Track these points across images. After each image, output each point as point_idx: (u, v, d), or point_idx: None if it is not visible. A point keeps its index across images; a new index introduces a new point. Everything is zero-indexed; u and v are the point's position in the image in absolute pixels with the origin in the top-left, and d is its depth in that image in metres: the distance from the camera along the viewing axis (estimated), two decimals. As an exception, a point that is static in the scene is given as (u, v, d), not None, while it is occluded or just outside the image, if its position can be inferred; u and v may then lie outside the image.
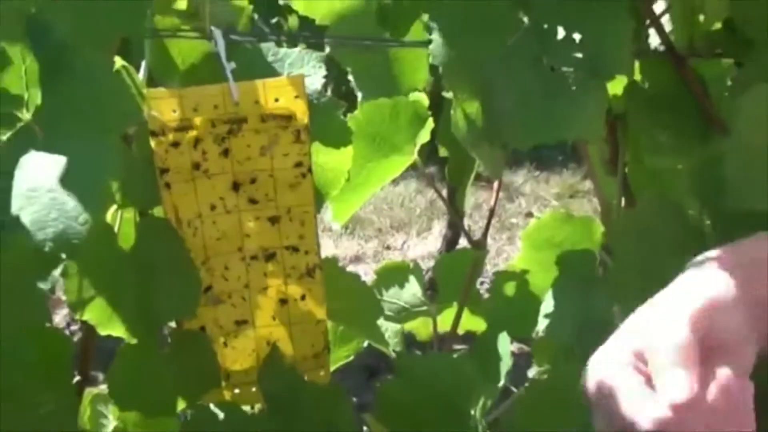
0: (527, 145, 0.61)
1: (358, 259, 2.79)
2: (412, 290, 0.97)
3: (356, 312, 0.80)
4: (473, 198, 2.91)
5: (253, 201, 0.70)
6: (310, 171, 0.69)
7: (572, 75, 0.60)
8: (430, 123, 0.82)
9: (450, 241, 2.38)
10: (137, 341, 0.68)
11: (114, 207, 0.67)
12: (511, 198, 3.21)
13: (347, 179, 0.72)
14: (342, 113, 0.70)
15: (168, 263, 0.68)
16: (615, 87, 0.74)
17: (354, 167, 0.74)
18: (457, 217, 1.32)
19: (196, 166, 0.67)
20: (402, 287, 0.98)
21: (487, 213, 0.96)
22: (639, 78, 0.76)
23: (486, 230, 0.92)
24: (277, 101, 0.67)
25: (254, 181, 0.69)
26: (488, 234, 0.92)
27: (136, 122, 0.63)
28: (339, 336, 0.86)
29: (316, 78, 0.69)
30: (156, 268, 0.68)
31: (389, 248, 2.89)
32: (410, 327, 1.00)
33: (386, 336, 0.91)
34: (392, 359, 0.85)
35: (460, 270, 0.91)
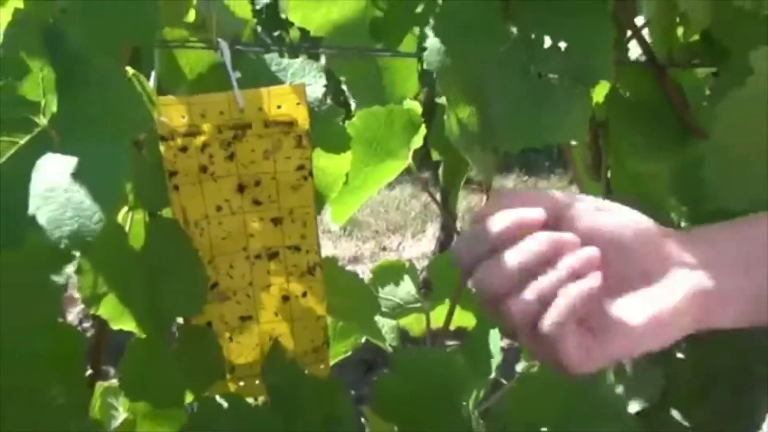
0: (517, 148, 0.62)
1: (356, 260, 2.79)
2: (407, 288, 0.97)
3: (354, 308, 0.80)
4: (465, 201, 2.92)
5: (257, 202, 0.70)
6: (311, 174, 0.69)
7: (559, 82, 0.61)
8: (424, 129, 0.82)
9: (443, 243, 2.39)
10: (147, 336, 0.68)
11: (125, 208, 0.67)
12: (501, 202, 3.20)
13: (346, 182, 0.73)
14: (341, 120, 0.70)
15: (176, 262, 0.68)
16: (597, 95, 0.75)
17: (352, 171, 0.74)
18: (450, 220, 1.32)
19: (203, 170, 0.68)
20: (397, 285, 0.98)
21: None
22: (620, 87, 0.76)
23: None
24: (280, 108, 0.67)
25: (258, 184, 0.69)
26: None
27: (147, 128, 0.63)
28: (338, 332, 0.86)
29: (317, 87, 0.69)
30: (165, 267, 0.68)
31: (385, 249, 2.89)
32: (404, 323, 1.00)
33: (383, 331, 0.91)
34: (388, 354, 0.85)
35: (453, 269, 0.91)
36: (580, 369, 0.47)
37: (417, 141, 0.83)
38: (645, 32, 0.75)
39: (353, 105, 0.88)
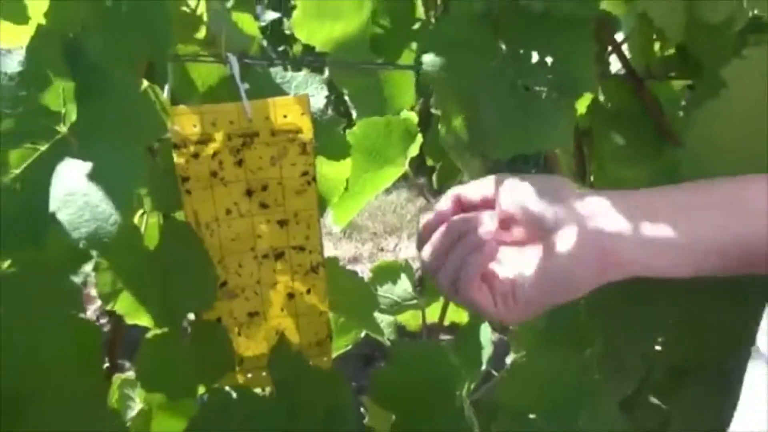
0: (506, 156, 0.62)
1: (356, 260, 2.78)
2: (404, 286, 0.97)
3: (355, 305, 0.80)
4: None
5: (264, 206, 0.70)
6: (315, 179, 0.69)
7: (545, 94, 0.61)
8: (420, 138, 0.83)
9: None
10: (161, 331, 0.68)
11: (140, 211, 0.67)
12: (491, 206, 3.21)
13: (346, 188, 0.73)
14: (342, 129, 0.70)
15: (188, 261, 0.68)
16: (581, 106, 0.75)
17: (352, 177, 0.74)
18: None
19: (214, 175, 0.67)
20: (395, 284, 0.98)
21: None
22: (602, 98, 0.76)
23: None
24: (285, 118, 0.67)
25: (265, 188, 0.69)
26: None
27: (161, 136, 0.63)
28: (339, 327, 0.86)
29: (319, 98, 0.69)
30: (177, 266, 0.68)
31: (383, 250, 2.89)
32: (401, 319, 1.00)
33: (381, 327, 0.91)
34: (386, 348, 0.85)
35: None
36: (507, 321, 0.53)
37: (413, 149, 0.83)
38: (624, 47, 0.76)
39: (354, 115, 0.88)
